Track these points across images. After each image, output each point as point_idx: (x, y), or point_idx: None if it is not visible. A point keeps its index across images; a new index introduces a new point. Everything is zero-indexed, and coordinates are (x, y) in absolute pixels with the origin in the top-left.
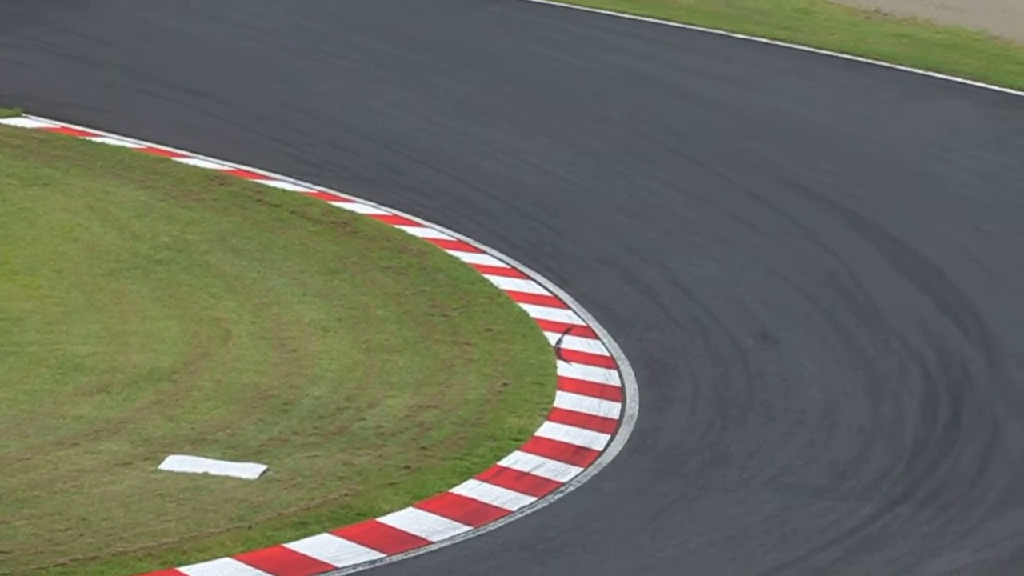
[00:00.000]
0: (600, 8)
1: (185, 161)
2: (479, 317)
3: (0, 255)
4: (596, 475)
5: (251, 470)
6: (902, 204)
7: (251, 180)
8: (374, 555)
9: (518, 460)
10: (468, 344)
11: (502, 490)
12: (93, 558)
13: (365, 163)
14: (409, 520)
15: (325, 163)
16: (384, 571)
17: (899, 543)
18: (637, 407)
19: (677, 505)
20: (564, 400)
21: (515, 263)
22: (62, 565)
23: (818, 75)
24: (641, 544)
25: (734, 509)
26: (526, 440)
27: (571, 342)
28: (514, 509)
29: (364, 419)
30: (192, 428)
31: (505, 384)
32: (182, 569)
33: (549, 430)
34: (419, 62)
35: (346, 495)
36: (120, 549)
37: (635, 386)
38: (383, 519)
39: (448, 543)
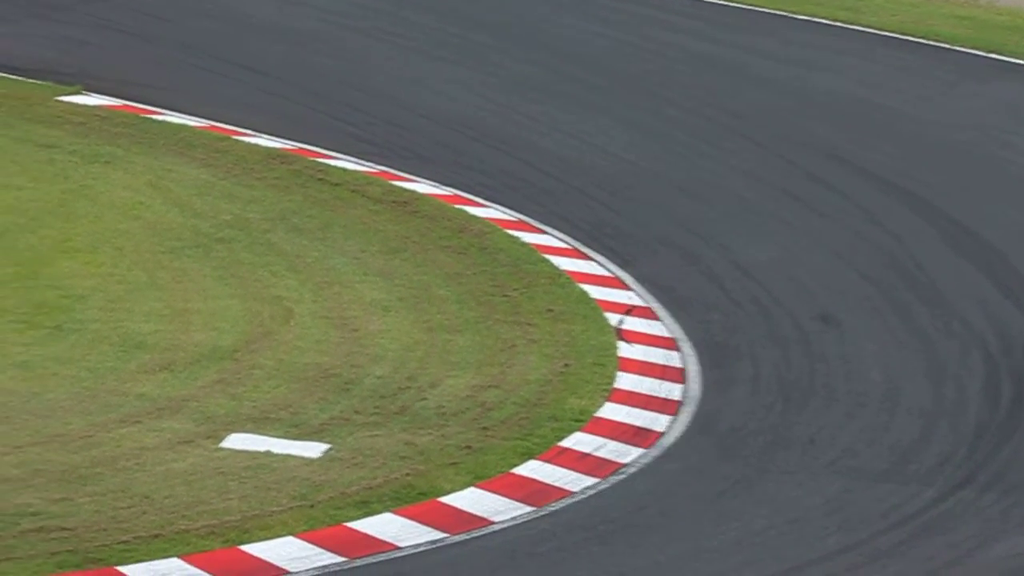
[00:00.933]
0: None
1: (246, 139)
2: (540, 297)
3: (62, 233)
4: (658, 456)
5: (313, 449)
6: (963, 186)
7: (312, 159)
8: (436, 535)
9: (579, 441)
10: (529, 324)
11: (563, 471)
12: (156, 536)
13: (426, 142)
14: (471, 500)
15: (386, 142)
16: (446, 551)
17: (961, 527)
18: (699, 388)
19: (738, 487)
20: (625, 381)
21: (576, 243)
22: (125, 543)
23: (878, 56)
24: (703, 526)
25: (795, 491)
26: (587, 421)
27: (632, 323)
28: (576, 490)
29: (425, 399)
30: (254, 407)
31: (566, 365)
32: (244, 547)
33: (610, 411)
34: (479, 41)
35: (408, 475)
36: (182, 527)
37: (696, 367)
38: (445, 499)
39: (509, 523)
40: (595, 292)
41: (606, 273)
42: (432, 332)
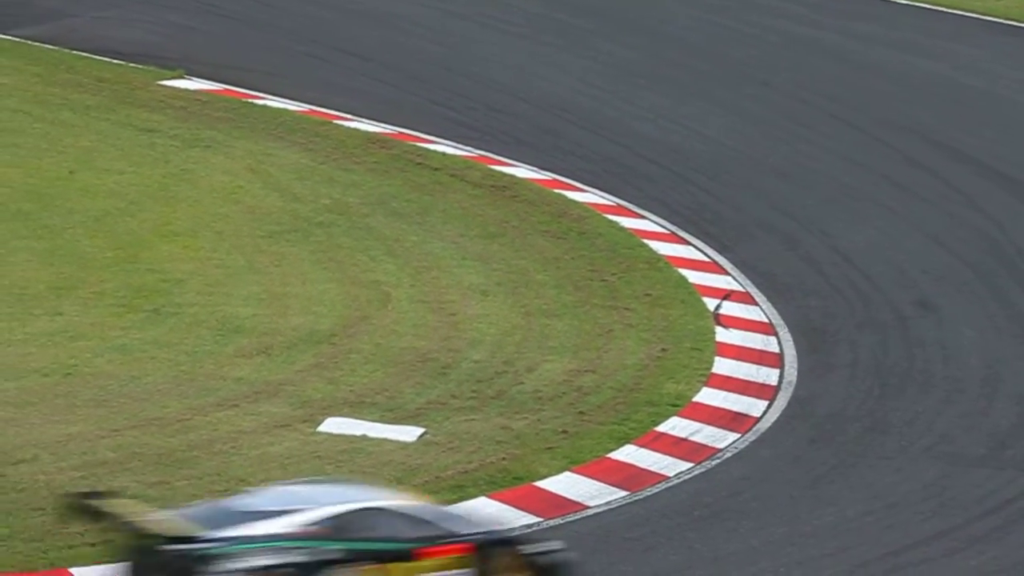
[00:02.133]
0: None
1: (346, 124)
2: (638, 282)
3: (162, 216)
4: (754, 441)
5: (409, 433)
6: None
7: (411, 143)
8: (531, 519)
9: (676, 426)
10: (627, 309)
11: (659, 455)
12: None
13: (525, 127)
14: (566, 484)
15: (485, 127)
16: (541, 535)
17: None
18: (796, 374)
19: (835, 472)
20: (722, 366)
21: (674, 228)
22: None
23: (981, 41)
24: (799, 511)
25: (892, 477)
26: (684, 406)
27: (730, 308)
28: (671, 475)
29: (522, 383)
30: (351, 391)
31: (663, 349)
32: None
33: (707, 396)
34: (579, 26)
35: (503, 459)
36: None
37: (794, 352)
38: (540, 483)
39: (605, 508)
40: (693, 277)
41: (704, 258)
42: (530, 317)
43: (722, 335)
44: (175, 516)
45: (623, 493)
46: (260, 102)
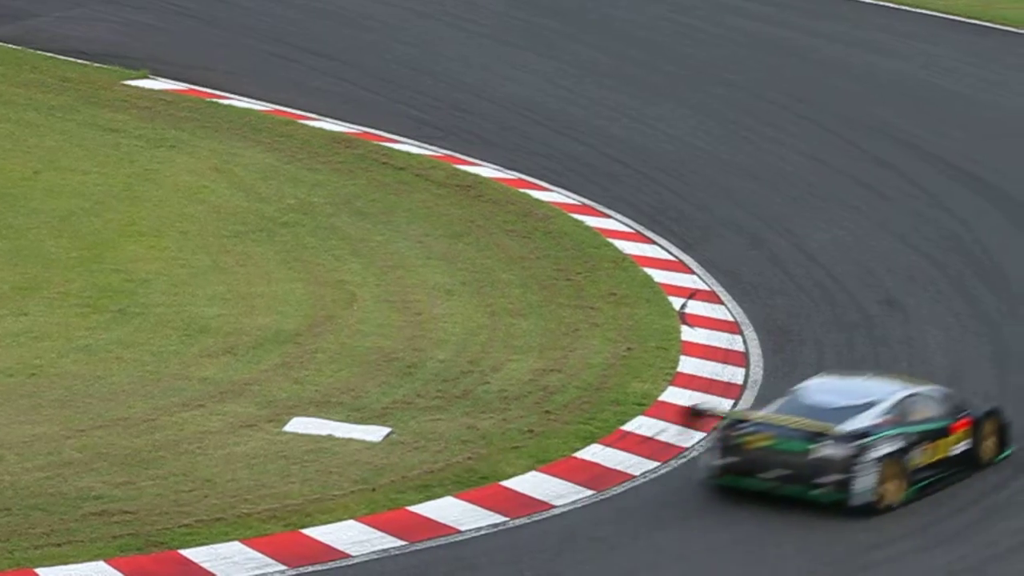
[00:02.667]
0: None
1: (311, 124)
2: (603, 281)
3: (127, 216)
4: None
5: (375, 433)
6: None
7: (376, 143)
8: (497, 518)
9: (642, 425)
10: (592, 308)
11: (625, 454)
12: (218, 519)
13: (490, 126)
14: (532, 484)
15: (450, 126)
16: (507, 535)
17: None
18: (761, 373)
19: None
20: (688, 365)
21: (640, 227)
22: (187, 526)
23: (945, 40)
24: (765, 509)
25: None
26: (650, 405)
27: (695, 307)
28: (637, 474)
29: (488, 383)
30: (316, 390)
31: (629, 348)
32: (306, 531)
33: (673, 395)
34: (545, 26)
35: (469, 458)
36: (244, 511)
37: (759, 351)
38: (506, 483)
39: (571, 507)
40: (658, 276)
41: (670, 257)
42: (495, 316)
43: (688, 334)
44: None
45: (589, 492)
46: (225, 102)
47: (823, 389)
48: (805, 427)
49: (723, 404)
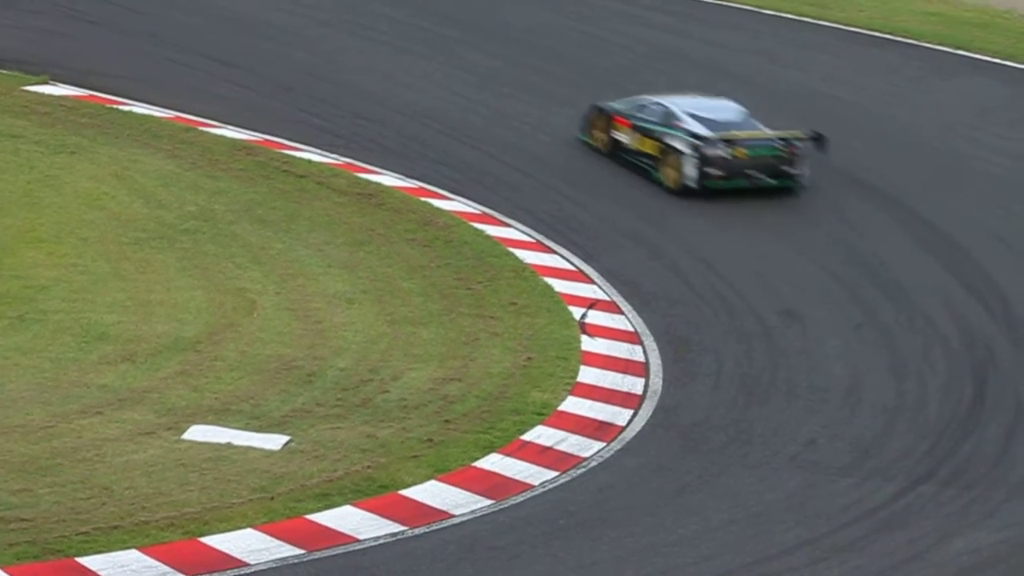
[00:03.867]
0: None
1: (212, 131)
2: (504, 291)
3: (26, 223)
4: (619, 450)
5: (274, 441)
6: (928, 183)
7: (277, 150)
8: (396, 527)
9: (541, 434)
10: (492, 318)
11: (525, 464)
12: (115, 527)
13: (391, 135)
14: (431, 493)
15: (351, 134)
16: (406, 544)
17: (921, 522)
18: (661, 383)
19: (700, 481)
20: (588, 375)
21: (540, 237)
22: (84, 534)
23: (845, 52)
24: (663, 520)
25: (757, 486)
26: (549, 414)
27: (595, 317)
28: (536, 483)
29: (388, 391)
30: (216, 398)
31: (529, 358)
32: (204, 539)
33: (572, 405)
34: (446, 35)
35: (369, 467)
36: (142, 519)
37: (659, 361)
38: (405, 492)
39: (470, 517)
40: (559, 286)
41: (570, 267)
42: (395, 325)
43: (587, 344)
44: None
45: (488, 502)
46: (125, 108)
47: (712, 109)
48: (770, 136)
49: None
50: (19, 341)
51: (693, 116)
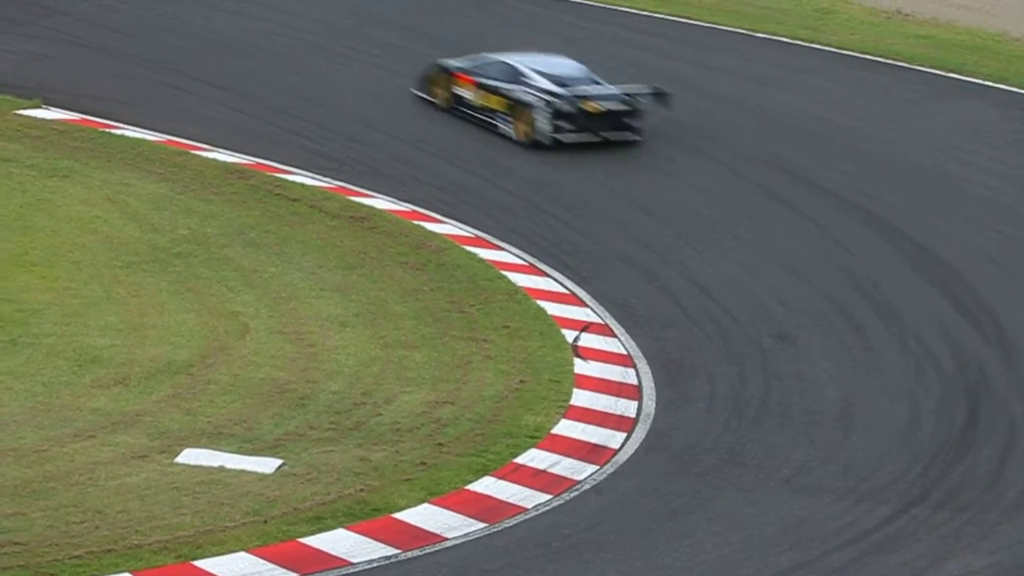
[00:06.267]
0: (622, 6)
1: (204, 154)
2: (497, 314)
3: (19, 246)
4: (612, 473)
5: (267, 464)
6: (921, 205)
7: (270, 174)
8: (389, 551)
9: (534, 458)
10: (485, 341)
11: (518, 487)
12: (108, 551)
13: (383, 158)
14: (424, 516)
15: (344, 157)
16: (399, 567)
17: (915, 545)
18: (654, 406)
19: (693, 504)
20: (581, 398)
21: (533, 260)
22: (77, 557)
23: (838, 75)
24: (656, 543)
25: (750, 509)
26: (542, 437)
27: (588, 340)
28: (530, 507)
29: (381, 415)
30: (208, 422)
31: (522, 381)
32: (197, 563)
33: (566, 428)
34: (437, 56)
35: (362, 491)
36: (135, 542)
37: (652, 385)
38: (399, 515)
39: (463, 540)
40: (552, 309)
41: (563, 290)
42: (388, 348)
43: (581, 367)
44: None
45: (481, 525)
46: (118, 132)
47: (554, 65)
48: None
49: None
50: (12, 365)
51: (539, 73)
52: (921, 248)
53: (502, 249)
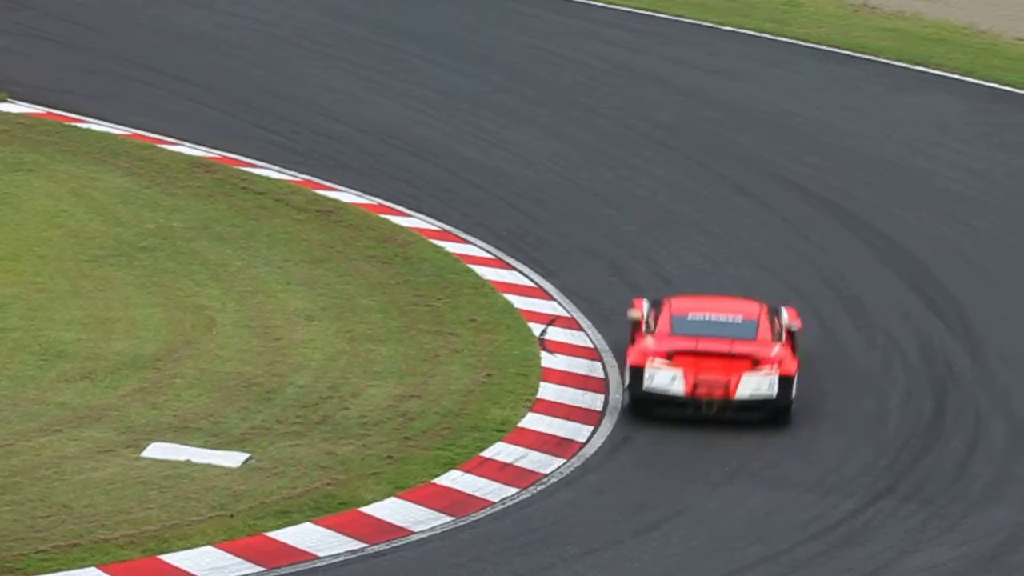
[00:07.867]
0: None
1: (171, 148)
2: (463, 307)
3: None
4: (579, 467)
5: (233, 458)
6: (888, 198)
7: (236, 167)
8: (356, 544)
9: (501, 451)
10: (452, 334)
11: (485, 481)
12: (74, 545)
13: (350, 152)
14: (391, 510)
15: (311, 151)
16: (366, 561)
17: (881, 538)
18: (620, 399)
19: (660, 498)
20: (548, 391)
21: (500, 253)
22: (43, 552)
23: (805, 68)
24: (623, 536)
25: (716, 502)
26: (509, 431)
27: (555, 333)
28: (496, 500)
29: (347, 408)
30: (175, 416)
31: (489, 375)
32: (163, 557)
33: (532, 421)
34: (406, 51)
35: (328, 484)
36: (102, 536)
37: (619, 378)
38: (365, 509)
39: (430, 533)
40: (519, 302)
41: (530, 283)
42: (355, 342)
43: (547, 360)
44: None
45: (448, 519)
46: (83, 125)
47: None
48: None
49: None
50: None
51: None
52: (888, 241)
53: (469, 242)
